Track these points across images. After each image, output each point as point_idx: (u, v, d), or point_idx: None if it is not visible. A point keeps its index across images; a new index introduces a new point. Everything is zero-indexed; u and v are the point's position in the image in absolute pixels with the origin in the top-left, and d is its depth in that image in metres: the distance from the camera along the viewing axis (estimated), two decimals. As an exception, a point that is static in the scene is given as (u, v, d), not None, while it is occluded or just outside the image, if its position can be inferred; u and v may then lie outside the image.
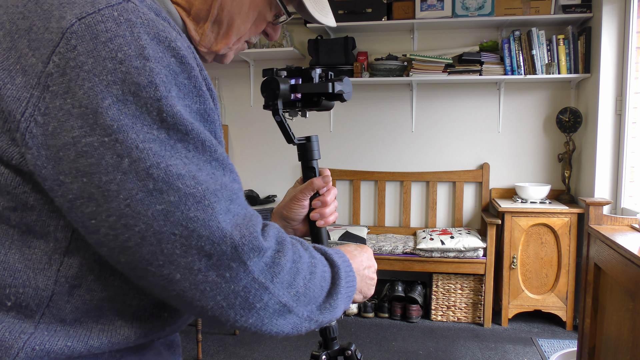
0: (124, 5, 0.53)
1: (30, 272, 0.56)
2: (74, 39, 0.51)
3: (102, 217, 0.52)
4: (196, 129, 0.55)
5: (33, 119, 0.51)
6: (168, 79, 0.53)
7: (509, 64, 3.43)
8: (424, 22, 3.50)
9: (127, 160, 0.51)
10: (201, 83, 0.57)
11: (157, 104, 0.52)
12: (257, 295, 0.58)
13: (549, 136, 3.67)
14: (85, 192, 0.52)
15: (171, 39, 0.55)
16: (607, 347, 2.01)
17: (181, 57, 0.55)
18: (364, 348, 3.08)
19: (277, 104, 0.84)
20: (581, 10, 3.30)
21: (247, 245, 0.56)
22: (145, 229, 0.52)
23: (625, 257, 1.77)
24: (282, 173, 4.01)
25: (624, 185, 3.12)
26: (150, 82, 0.52)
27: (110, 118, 0.51)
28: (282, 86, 0.84)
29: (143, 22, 0.53)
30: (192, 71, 0.56)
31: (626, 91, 3.08)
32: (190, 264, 0.54)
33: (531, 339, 3.21)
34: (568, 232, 3.26)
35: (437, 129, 3.81)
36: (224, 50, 0.72)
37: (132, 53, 0.52)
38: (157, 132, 0.53)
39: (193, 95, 0.56)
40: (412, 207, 3.87)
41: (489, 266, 3.33)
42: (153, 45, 0.53)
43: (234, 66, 3.99)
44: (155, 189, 0.52)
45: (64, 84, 0.51)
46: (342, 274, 0.70)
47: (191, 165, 0.54)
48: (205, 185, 0.54)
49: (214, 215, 0.54)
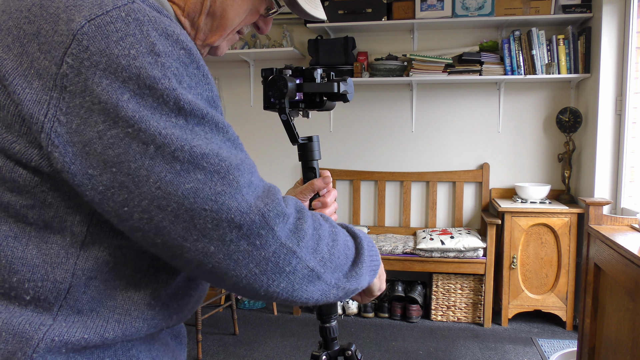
0: (130, 6, 0.55)
1: (48, 267, 0.58)
2: (86, 40, 0.53)
3: (134, 203, 0.55)
4: (210, 112, 0.58)
5: (56, 119, 0.54)
6: (179, 71, 0.56)
7: (509, 64, 3.43)
8: (424, 22, 3.50)
9: (152, 146, 0.54)
10: (207, 72, 0.60)
11: (174, 94, 0.55)
12: (286, 259, 0.61)
13: (549, 136, 3.67)
14: (116, 182, 0.54)
15: (178, 33, 0.57)
16: (607, 347, 2.01)
17: (189, 49, 0.58)
18: (364, 348, 3.08)
19: (285, 103, 0.84)
20: (581, 10, 3.30)
21: (272, 212, 0.59)
22: (177, 208, 0.55)
23: (625, 257, 1.77)
24: (282, 173, 4.02)
25: (623, 185, 3.12)
26: (164, 75, 0.55)
27: (131, 110, 0.53)
28: (290, 84, 0.84)
29: (150, 20, 0.56)
30: (200, 61, 0.59)
31: (626, 91, 3.08)
32: (223, 235, 0.57)
33: (531, 339, 3.21)
34: (568, 232, 3.26)
35: (437, 129, 3.81)
36: (218, 42, 0.74)
37: (144, 50, 0.54)
38: (176, 119, 0.55)
39: (203, 83, 0.59)
40: (412, 207, 3.87)
41: (489, 266, 3.33)
42: (162, 41, 0.56)
43: (234, 66, 3.99)
44: (182, 170, 0.55)
45: (81, 83, 0.53)
46: (365, 245, 0.74)
47: (212, 144, 0.57)
48: (229, 162, 0.57)
49: (239, 189, 0.57)
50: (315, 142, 0.90)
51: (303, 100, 0.88)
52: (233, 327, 3.32)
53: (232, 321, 3.37)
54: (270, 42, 3.89)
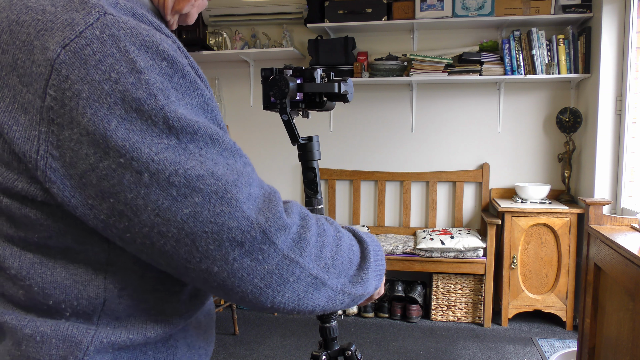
0: (103, 21, 0.53)
1: (80, 286, 0.59)
2: (64, 69, 0.51)
3: (135, 230, 0.55)
4: (202, 125, 0.57)
5: (49, 154, 0.53)
6: (164, 84, 0.54)
7: (509, 64, 3.43)
8: (424, 22, 3.50)
9: (146, 174, 0.53)
10: (195, 76, 0.58)
11: (161, 113, 0.53)
12: (290, 269, 0.61)
13: (549, 136, 3.67)
14: (115, 211, 0.54)
15: (157, 42, 0.55)
16: (607, 347, 2.01)
17: (171, 58, 0.56)
18: (364, 348, 3.08)
19: (286, 103, 0.84)
20: (581, 10, 3.30)
21: (273, 227, 0.59)
22: (177, 233, 0.55)
23: (625, 257, 1.77)
24: (282, 173, 4.01)
25: (623, 185, 3.12)
26: (149, 94, 0.53)
27: (120, 139, 0.52)
28: (292, 84, 0.84)
29: (126, 32, 0.53)
30: (184, 68, 0.57)
31: (626, 91, 3.08)
32: (225, 255, 0.56)
33: (531, 339, 3.21)
34: (568, 232, 3.26)
35: (437, 129, 3.81)
36: (187, 8, 0.71)
37: (125, 70, 0.52)
38: (168, 140, 0.54)
39: (190, 91, 0.57)
40: (412, 207, 3.87)
41: (489, 266, 3.33)
42: (142, 55, 0.53)
43: (234, 66, 3.99)
44: (179, 195, 0.54)
45: (67, 114, 0.52)
46: (370, 250, 0.73)
47: (207, 162, 0.56)
48: (225, 179, 0.56)
49: (238, 206, 0.56)
50: (315, 142, 0.90)
51: (303, 100, 0.88)
52: (233, 327, 3.32)
53: (232, 321, 3.37)
54: (270, 42, 3.89)
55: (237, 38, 3.88)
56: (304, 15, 3.74)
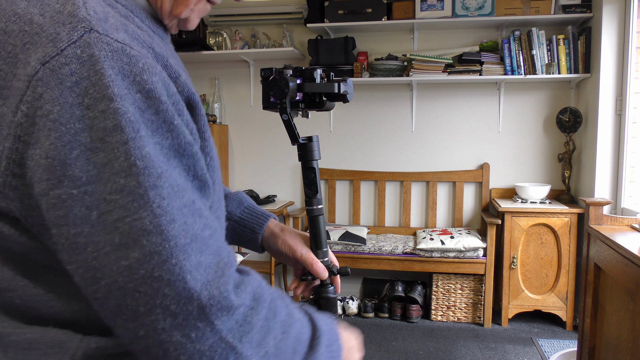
0: (87, 39, 0.51)
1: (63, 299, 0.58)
2: (40, 87, 0.49)
3: (73, 267, 0.52)
4: (167, 171, 0.53)
5: (10, 172, 0.51)
6: (135, 117, 0.51)
7: (509, 64, 3.43)
8: (424, 22, 3.50)
9: (95, 212, 0.50)
10: (172, 116, 0.54)
11: (124, 148, 0.50)
12: (224, 354, 0.55)
13: (549, 136, 3.67)
14: (59, 242, 0.51)
15: (138, 70, 0.52)
16: (607, 347, 2.01)
17: (147, 91, 0.52)
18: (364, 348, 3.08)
19: (285, 103, 0.84)
20: (581, 10, 3.30)
21: (215, 306, 0.53)
22: (110, 283, 0.51)
23: (625, 257, 1.77)
24: (282, 173, 4.01)
25: (624, 185, 3.12)
26: (115, 125, 0.50)
27: (78, 169, 0.49)
28: (292, 84, 0.83)
29: (107, 55, 0.51)
30: (160, 105, 0.53)
31: (626, 91, 3.08)
32: (154, 322, 0.52)
33: (531, 339, 3.21)
34: (568, 232, 3.26)
35: (437, 129, 3.81)
36: (186, 13, 0.68)
37: (98, 95, 0.50)
38: (125, 180, 0.50)
39: (163, 130, 0.53)
40: (412, 207, 3.87)
41: (489, 266, 3.33)
42: (118, 82, 0.50)
43: (234, 66, 3.99)
44: (121, 244, 0.50)
45: (35, 133, 0.49)
46: (322, 340, 0.66)
47: (163, 217, 0.51)
48: (174, 242, 0.51)
49: (181, 275, 0.52)
50: (315, 142, 0.90)
51: (303, 100, 0.88)
52: (233, 327, 3.31)
53: (232, 321, 3.37)
54: (270, 42, 3.89)
55: (237, 38, 3.87)
56: (304, 15, 3.74)
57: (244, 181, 4.08)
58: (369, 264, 3.46)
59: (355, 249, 3.47)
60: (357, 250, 3.47)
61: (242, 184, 4.08)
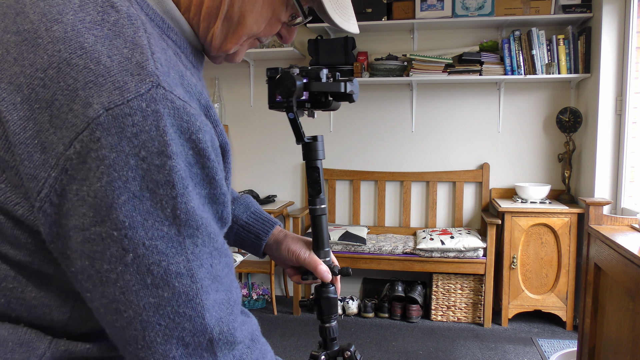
0: (153, 94, 0.52)
1: (46, 309, 0.59)
2: (99, 131, 0.50)
3: (96, 296, 0.55)
4: (206, 222, 0.57)
5: (48, 199, 0.52)
6: (185, 173, 0.54)
7: (509, 64, 3.43)
8: (424, 22, 3.50)
9: (131, 255, 0.53)
10: (215, 171, 0.58)
11: (172, 202, 0.53)
12: None
13: (549, 136, 3.67)
14: (85, 273, 0.54)
15: (194, 129, 0.55)
16: (607, 347, 2.01)
17: (199, 149, 0.56)
18: (364, 348, 3.08)
19: (292, 101, 0.84)
20: (581, 10, 3.30)
21: (222, 340, 0.59)
22: (133, 316, 0.54)
23: (625, 257, 1.77)
24: (282, 173, 4.01)
25: (624, 185, 3.12)
26: (168, 180, 0.53)
27: (123, 215, 0.52)
28: (298, 83, 0.83)
29: (170, 112, 0.53)
30: (207, 162, 0.57)
31: (626, 91, 3.08)
32: (167, 351, 0.56)
33: (531, 339, 3.21)
34: (568, 232, 3.26)
35: (437, 129, 3.81)
36: (235, 48, 0.70)
37: (155, 150, 0.52)
38: (168, 229, 0.54)
39: (204, 183, 0.57)
40: (412, 207, 3.87)
41: (489, 266, 3.33)
42: (176, 139, 0.53)
43: (234, 66, 3.99)
44: (152, 284, 0.54)
45: (84, 171, 0.51)
46: None
47: (194, 262, 0.56)
48: (200, 284, 0.56)
49: (202, 312, 0.57)
50: (319, 142, 0.90)
51: (309, 99, 0.88)
52: (233, 327, 3.32)
53: (232, 321, 3.37)
54: (270, 42, 3.88)
55: (237, 38, 3.87)
56: (304, 15, 3.74)
57: (244, 181, 4.08)
58: (369, 264, 3.46)
59: (355, 249, 3.47)
60: (357, 250, 3.47)
61: (242, 184, 4.08)
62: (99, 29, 0.53)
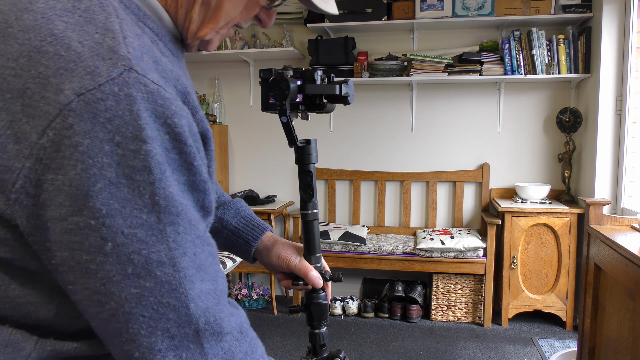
0: (125, 78, 0.51)
1: (31, 307, 0.58)
2: (72, 117, 0.49)
3: (78, 288, 0.53)
4: (186, 208, 0.56)
5: (24, 190, 0.51)
6: (162, 158, 0.53)
7: (509, 64, 3.43)
8: (424, 22, 3.50)
9: (110, 244, 0.51)
10: (193, 157, 0.57)
11: (151, 188, 0.52)
12: None
13: (549, 136, 3.67)
14: (67, 264, 0.53)
15: (170, 113, 0.54)
16: (607, 347, 2.01)
17: (176, 134, 0.54)
18: (364, 348, 3.08)
19: (285, 104, 0.82)
20: (581, 10, 3.30)
21: (208, 331, 0.57)
22: (115, 308, 0.53)
23: (625, 257, 1.77)
24: (282, 173, 4.01)
25: (624, 185, 3.12)
26: (144, 166, 0.52)
27: (100, 202, 0.50)
28: (292, 86, 0.82)
29: (143, 96, 0.52)
30: (184, 147, 0.56)
31: (626, 91, 3.08)
32: (152, 344, 0.54)
33: (531, 339, 3.21)
34: (568, 232, 3.26)
35: (437, 129, 3.81)
36: (210, 35, 0.69)
37: (130, 134, 0.51)
38: (147, 216, 0.52)
39: (182, 169, 0.56)
40: (412, 207, 3.87)
41: (489, 266, 3.33)
42: (150, 123, 0.52)
43: (234, 66, 3.99)
44: (133, 274, 0.52)
45: (58, 160, 0.50)
46: None
47: (177, 250, 0.54)
48: (184, 272, 0.55)
49: (186, 302, 0.55)
50: (312, 146, 0.88)
51: (303, 102, 0.86)
52: (233, 327, 3.32)
53: (232, 321, 3.37)
54: (270, 42, 3.89)
55: (237, 38, 3.88)
56: (304, 15, 3.74)
57: (244, 181, 4.08)
58: (369, 264, 3.46)
59: (355, 249, 3.47)
60: (357, 250, 3.47)
61: (242, 184, 4.08)
62: (69, 16, 0.53)
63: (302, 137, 0.88)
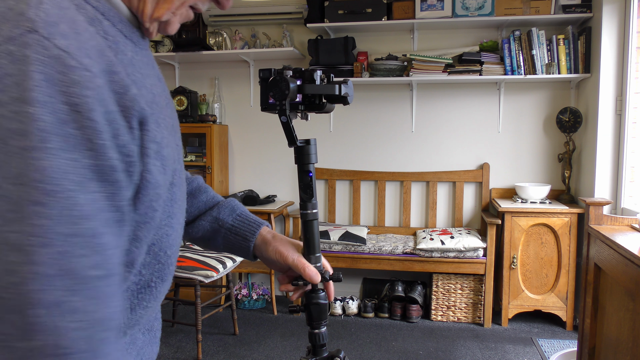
0: (25, 39, 0.48)
1: None
2: None
3: None
4: (71, 195, 0.48)
5: None
6: (50, 127, 0.47)
7: (509, 64, 3.43)
8: (424, 22, 3.50)
9: None
10: (99, 135, 0.51)
11: (22, 155, 0.46)
12: None
13: (549, 136, 3.67)
14: None
15: (69, 82, 0.49)
16: (607, 347, 2.01)
17: (75, 104, 0.49)
18: (364, 348, 3.08)
19: (285, 104, 0.82)
20: (581, 10, 3.30)
21: (50, 357, 0.47)
22: None
23: (625, 257, 1.77)
24: (282, 173, 4.01)
25: (624, 185, 3.12)
26: (22, 129, 0.46)
27: None
28: (292, 86, 0.82)
29: (41, 59, 0.48)
30: (86, 121, 0.49)
31: (626, 91, 3.08)
32: None
33: (531, 339, 3.21)
34: (568, 232, 3.26)
35: (437, 129, 3.81)
36: (167, 16, 0.65)
37: (15, 95, 0.47)
38: (14, 188, 0.46)
39: (82, 148, 0.49)
40: (412, 207, 3.87)
41: (489, 266, 3.33)
42: (42, 88, 0.47)
43: (234, 66, 3.99)
44: None
45: None
46: None
47: (35, 237, 0.47)
48: (36, 268, 0.46)
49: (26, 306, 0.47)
50: (312, 146, 0.87)
51: (302, 102, 0.86)
52: (233, 327, 3.32)
53: (232, 321, 3.37)
54: (270, 42, 3.89)
55: (237, 38, 3.87)
56: (304, 15, 3.74)
57: (244, 181, 4.08)
58: (369, 264, 3.46)
59: (355, 249, 3.47)
60: (357, 250, 3.47)
61: (242, 184, 4.08)
62: None
63: (302, 137, 0.87)
